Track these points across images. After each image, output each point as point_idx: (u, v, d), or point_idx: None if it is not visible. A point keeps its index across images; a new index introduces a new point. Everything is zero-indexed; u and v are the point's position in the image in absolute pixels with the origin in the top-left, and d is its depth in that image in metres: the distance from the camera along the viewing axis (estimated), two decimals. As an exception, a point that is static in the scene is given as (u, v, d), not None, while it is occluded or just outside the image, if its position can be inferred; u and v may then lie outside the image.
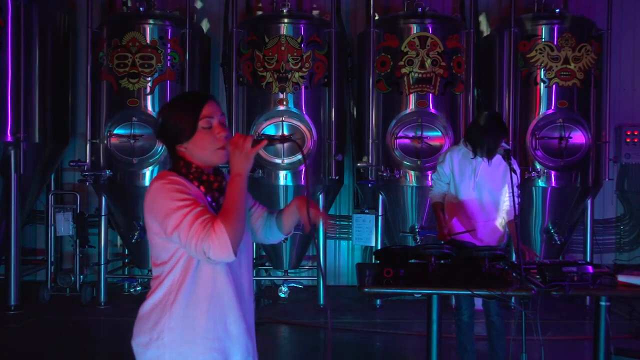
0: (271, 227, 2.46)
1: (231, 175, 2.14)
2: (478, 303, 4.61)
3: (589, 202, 6.76)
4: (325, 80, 6.68)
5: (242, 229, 2.09)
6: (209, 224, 2.04)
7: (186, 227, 2.04)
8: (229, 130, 2.25)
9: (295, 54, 6.54)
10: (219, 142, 2.19)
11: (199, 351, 2.15)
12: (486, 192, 4.26)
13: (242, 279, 2.26)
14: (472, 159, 4.24)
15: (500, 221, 4.33)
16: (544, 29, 6.58)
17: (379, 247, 6.52)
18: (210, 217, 2.06)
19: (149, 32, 6.59)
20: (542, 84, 6.55)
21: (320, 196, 6.69)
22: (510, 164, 3.93)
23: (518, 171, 4.39)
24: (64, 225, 6.87)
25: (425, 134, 6.53)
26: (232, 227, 2.04)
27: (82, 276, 6.97)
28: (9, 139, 6.38)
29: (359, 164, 6.82)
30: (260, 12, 7.35)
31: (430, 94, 6.57)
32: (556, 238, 6.64)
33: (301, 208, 2.32)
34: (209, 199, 2.19)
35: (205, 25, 7.71)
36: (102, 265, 6.69)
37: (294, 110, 6.57)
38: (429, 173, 6.50)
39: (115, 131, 6.54)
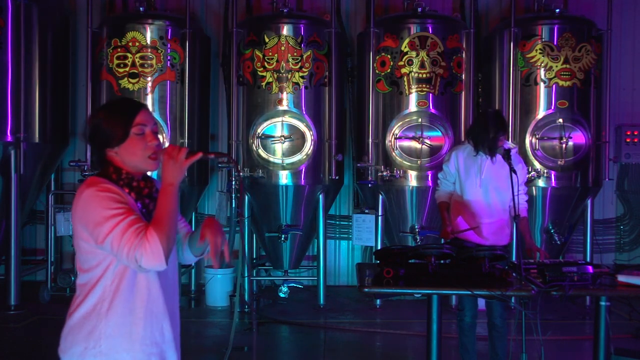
0: (185, 248, 2.42)
1: (163, 184, 2.15)
2: (481, 303, 4.61)
3: (589, 202, 6.76)
4: (325, 80, 6.68)
5: (174, 238, 2.12)
6: (142, 232, 2.05)
7: (118, 235, 2.05)
8: (160, 141, 2.26)
9: (295, 54, 6.54)
10: (149, 150, 2.20)
11: (138, 357, 2.16)
12: (492, 190, 4.27)
13: (172, 286, 2.29)
14: (474, 156, 4.25)
15: (508, 220, 4.33)
16: (544, 29, 6.58)
17: (379, 247, 6.52)
18: (143, 226, 2.07)
19: (149, 32, 6.59)
20: (542, 83, 6.55)
21: (320, 196, 6.69)
22: (510, 164, 3.94)
23: (524, 169, 4.41)
24: (64, 225, 6.86)
25: (426, 134, 6.53)
26: (165, 236, 2.06)
27: (82, 276, 6.96)
28: (9, 139, 6.38)
29: (359, 164, 6.82)
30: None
31: (430, 94, 6.57)
32: (556, 238, 6.64)
33: (208, 234, 2.27)
34: (139, 206, 2.20)
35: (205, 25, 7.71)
36: (102, 265, 6.68)
37: (294, 110, 6.57)
38: (429, 173, 6.50)
39: (115, 131, 6.53)
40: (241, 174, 6.46)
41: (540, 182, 6.57)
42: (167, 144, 2.31)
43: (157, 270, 2.12)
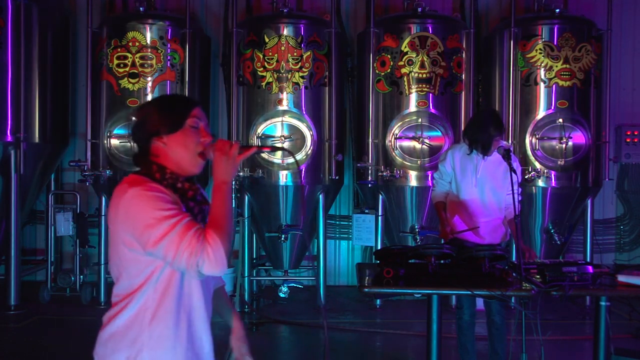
0: None
1: (216, 183, 2.00)
2: (479, 303, 4.61)
3: (589, 202, 6.76)
4: (325, 80, 6.68)
5: (232, 241, 1.99)
6: (202, 235, 1.91)
7: (176, 239, 1.90)
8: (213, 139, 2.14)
9: (295, 54, 6.54)
10: (201, 146, 2.07)
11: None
12: (488, 189, 4.27)
13: (209, 294, 2.17)
14: (468, 154, 4.26)
15: (503, 219, 4.34)
16: (544, 29, 6.58)
17: (379, 247, 6.52)
18: (200, 229, 1.93)
19: (149, 32, 6.59)
20: (542, 83, 6.55)
21: (320, 196, 6.69)
22: (510, 164, 3.94)
23: (519, 170, 4.40)
24: (64, 225, 6.87)
25: (426, 134, 6.53)
26: (226, 238, 1.93)
27: (82, 276, 6.97)
28: (9, 139, 6.38)
29: (359, 164, 6.82)
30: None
31: (430, 94, 6.57)
32: (556, 238, 6.64)
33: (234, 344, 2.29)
34: (184, 209, 2.01)
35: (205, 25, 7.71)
36: (102, 265, 6.69)
37: (294, 110, 6.57)
38: (429, 173, 6.50)
39: (115, 131, 6.54)
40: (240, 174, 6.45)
41: (540, 182, 6.56)
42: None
43: (217, 275, 2.01)
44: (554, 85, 6.53)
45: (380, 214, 6.73)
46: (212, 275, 2.00)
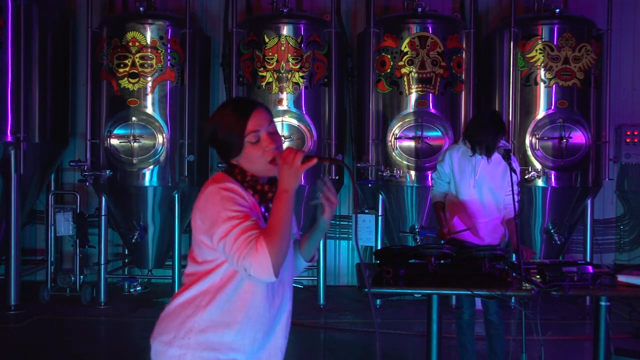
0: (297, 255, 2.34)
1: (278, 190, 2.04)
2: (478, 303, 4.61)
3: (589, 202, 6.76)
4: (325, 80, 6.68)
5: (286, 248, 2.00)
6: (254, 241, 1.96)
7: (231, 240, 1.98)
8: (280, 138, 2.18)
9: (295, 54, 6.54)
10: (268, 155, 2.11)
11: (220, 359, 2.08)
12: (486, 190, 4.26)
13: (282, 296, 2.19)
14: (470, 156, 4.25)
15: (502, 219, 4.33)
16: (544, 29, 6.58)
17: (379, 247, 6.52)
18: (257, 234, 1.98)
19: (149, 32, 6.59)
20: (542, 83, 6.55)
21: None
22: (510, 164, 3.94)
23: (518, 170, 4.39)
24: (64, 225, 6.86)
25: (425, 134, 6.53)
26: (275, 247, 1.96)
27: (82, 276, 6.97)
28: (9, 139, 6.38)
29: (359, 164, 6.82)
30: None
31: (430, 94, 6.57)
32: (556, 238, 6.64)
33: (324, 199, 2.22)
34: (263, 210, 2.12)
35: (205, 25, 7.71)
36: (102, 265, 6.69)
37: (294, 110, 6.57)
38: (429, 173, 6.50)
39: (115, 131, 6.54)
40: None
41: (540, 182, 6.56)
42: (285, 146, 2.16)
43: (267, 281, 2.03)
44: (554, 85, 6.53)
45: (380, 214, 6.73)
46: (261, 280, 2.02)
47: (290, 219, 2.03)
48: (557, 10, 6.68)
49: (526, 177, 6.40)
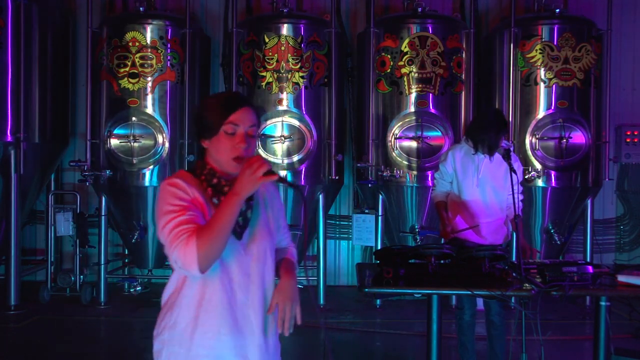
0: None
1: (230, 192, 2.06)
2: (479, 303, 4.61)
3: (589, 202, 6.76)
4: (325, 80, 6.68)
5: (217, 248, 2.03)
6: (186, 234, 2.02)
7: (166, 232, 2.05)
8: (255, 143, 2.22)
9: (295, 54, 6.54)
10: (235, 152, 2.14)
11: (189, 355, 2.14)
12: (489, 189, 4.26)
13: (253, 292, 2.19)
14: (473, 154, 4.25)
15: (505, 219, 4.33)
16: (544, 29, 6.58)
17: (379, 247, 6.52)
18: (190, 228, 2.03)
19: (149, 32, 6.59)
20: (542, 83, 6.55)
21: (320, 196, 6.69)
22: (510, 164, 3.94)
23: (520, 169, 4.41)
24: (64, 225, 6.86)
25: (425, 134, 6.53)
26: (205, 244, 2.00)
27: (82, 276, 6.97)
28: (9, 139, 6.38)
29: (359, 164, 6.82)
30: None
31: (430, 94, 6.57)
32: (556, 238, 6.64)
33: (278, 300, 2.22)
34: (216, 201, 2.15)
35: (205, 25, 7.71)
36: (102, 265, 6.69)
37: (294, 110, 6.57)
38: (429, 173, 6.50)
39: (115, 131, 6.54)
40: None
41: (540, 182, 6.57)
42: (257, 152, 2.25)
43: (194, 275, 2.06)
44: (554, 85, 6.53)
45: (380, 214, 6.73)
46: (190, 274, 2.08)
47: (232, 222, 2.04)
48: (557, 10, 6.68)
49: (526, 177, 6.40)
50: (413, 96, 6.59)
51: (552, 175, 6.57)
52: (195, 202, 2.12)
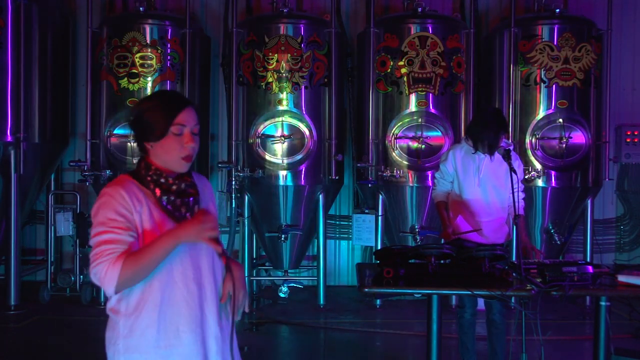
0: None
1: (173, 231, 2.08)
2: (480, 303, 4.61)
3: (589, 202, 6.76)
4: (325, 80, 6.68)
5: (139, 278, 2.06)
6: (114, 254, 2.02)
7: (95, 244, 2.06)
8: (198, 140, 2.23)
9: (295, 54, 6.54)
10: (184, 151, 2.17)
11: (151, 358, 2.13)
12: (490, 188, 4.26)
13: (200, 282, 2.19)
14: (473, 154, 4.24)
15: (506, 218, 4.33)
16: (544, 29, 6.58)
17: (379, 247, 6.52)
18: (120, 250, 2.03)
19: (149, 32, 6.59)
20: (542, 84, 6.55)
21: (320, 196, 6.69)
22: (510, 164, 3.94)
23: (521, 168, 4.41)
24: (64, 225, 6.86)
25: (425, 134, 6.53)
26: (129, 271, 2.02)
27: (82, 276, 6.96)
28: (9, 139, 6.38)
29: (359, 164, 6.82)
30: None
31: (430, 94, 6.57)
32: (556, 238, 6.64)
33: (229, 287, 2.24)
34: (164, 202, 2.16)
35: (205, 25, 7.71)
36: (102, 265, 6.68)
37: (294, 110, 6.57)
38: (429, 173, 6.50)
39: (115, 131, 6.54)
40: (241, 174, 6.47)
41: (540, 182, 6.57)
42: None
43: (105, 290, 2.07)
44: (554, 85, 6.53)
45: (380, 214, 6.73)
46: (103, 289, 2.07)
47: (162, 259, 2.07)
48: (557, 10, 6.68)
49: (526, 177, 6.40)
50: (413, 96, 6.59)
51: (552, 175, 6.57)
52: (130, 221, 2.09)
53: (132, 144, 6.47)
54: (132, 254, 2.04)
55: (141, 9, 6.70)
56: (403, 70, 6.58)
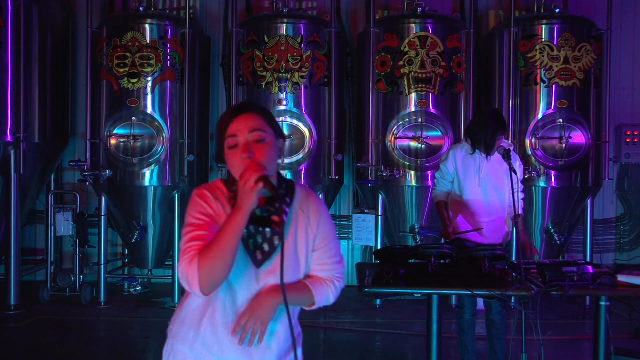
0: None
1: (234, 208, 1.94)
2: (480, 303, 4.61)
3: (589, 202, 6.76)
4: (325, 80, 6.68)
5: (220, 268, 1.91)
6: (193, 251, 1.93)
7: (181, 245, 2.00)
8: (261, 148, 2.01)
9: (295, 54, 6.54)
10: (243, 163, 1.97)
11: (190, 356, 2.10)
12: (491, 188, 4.26)
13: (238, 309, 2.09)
14: (471, 154, 4.25)
15: (506, 218, 4.33)
16: (544, 29, 6.58)
17: (379, 247, 6.52)
18: (199, 245, 1.94)
19: (149, 32, 6.59)
20: (542, 84, 6.55)
21: (320, 196, 6.69)
22: (510, 164, 3.94)
23: (521, 168, 4.41)
24: (64, 225, 6.86)
25: (425, 134, 6.53)
26: (206, 263, 1.90)
27: (82, 276, 6.97)
28: (9, 139, 6.38)
29: (359, 164, 6.82)
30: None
31: (430, 94, 6.57)
32: (556, 238, 6.64)
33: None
34: (213, 222, 2.03)
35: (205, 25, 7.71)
36: (102, 265, 6.69)
37: (294, 110, 6.57)
38: (429, 173, 6.50)
39: (115, 131, 6.54)
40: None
41: (540, 182, 6.57)
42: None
43: (199, 295, 1.96)
44: (554, 85, 6.53)
45: (380, 214, 6.73)
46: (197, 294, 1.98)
47: (236, 238, 1.90)
48: (557, 10, 6.68)
49: (526, 177, 6.39)
50: (413, 96, 6.59)
51: (552, 175, 6.57)
52: (216, 219, 2.01)
53: (132, 143, 6.47)
54: (205, 246, 1.93)
55: (141, 9, 6.70)
56: (403, 70, 6.58)
